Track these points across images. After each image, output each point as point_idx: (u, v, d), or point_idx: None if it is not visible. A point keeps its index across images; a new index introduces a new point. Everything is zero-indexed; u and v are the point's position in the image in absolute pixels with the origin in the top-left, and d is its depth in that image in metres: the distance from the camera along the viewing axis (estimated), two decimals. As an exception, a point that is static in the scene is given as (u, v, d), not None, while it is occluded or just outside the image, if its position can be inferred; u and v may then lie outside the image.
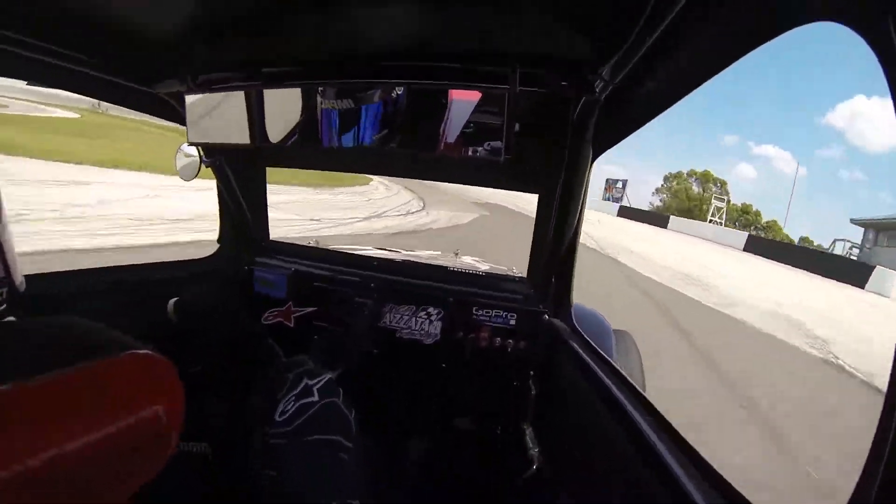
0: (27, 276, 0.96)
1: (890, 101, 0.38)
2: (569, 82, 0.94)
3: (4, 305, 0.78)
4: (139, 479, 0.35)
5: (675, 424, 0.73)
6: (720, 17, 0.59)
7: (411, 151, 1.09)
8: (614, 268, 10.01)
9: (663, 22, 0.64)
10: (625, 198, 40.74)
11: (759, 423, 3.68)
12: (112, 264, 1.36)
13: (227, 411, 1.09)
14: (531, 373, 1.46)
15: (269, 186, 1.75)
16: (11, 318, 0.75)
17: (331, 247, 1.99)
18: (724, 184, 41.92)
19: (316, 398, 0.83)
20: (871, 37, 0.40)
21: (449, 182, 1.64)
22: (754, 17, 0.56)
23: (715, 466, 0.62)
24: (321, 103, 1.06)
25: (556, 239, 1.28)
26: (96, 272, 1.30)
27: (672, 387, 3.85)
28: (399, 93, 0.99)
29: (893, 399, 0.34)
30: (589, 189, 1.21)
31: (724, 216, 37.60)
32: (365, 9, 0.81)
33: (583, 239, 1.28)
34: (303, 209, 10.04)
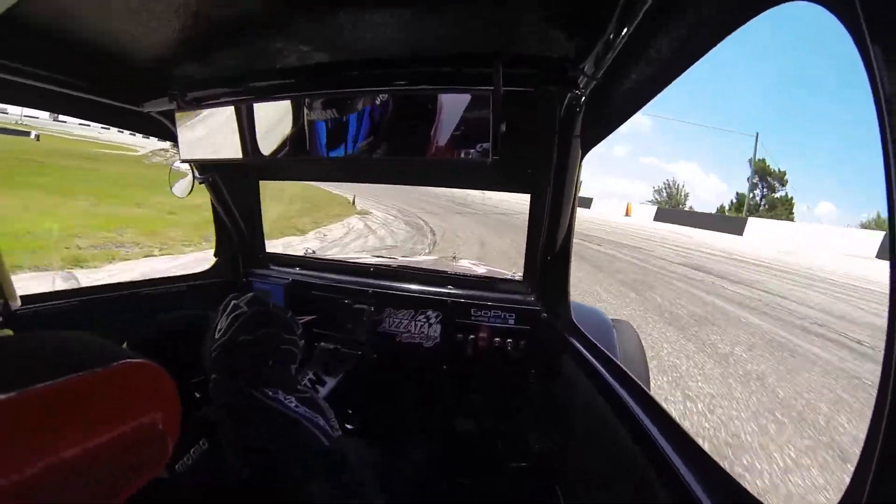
0: (23, 297, 0.97)
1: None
2: (552, 79, 0.94)
3: (1, 320, 0.79)
4: (135, 484, 0.35)
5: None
6: (695, 3, 0.60)
7: (401, 158, 1.10)
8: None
9: (640, 11, 0.64)
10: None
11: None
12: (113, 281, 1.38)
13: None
14: (532, 371, 1.45)
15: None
16: (8, 333, 0.76)
17: (327, 256, 2.00)
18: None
19: (245, 309, 0.91)
20: (843, 16, 0.40)
21: (440, 187, 1.64)
22: (729, 1, 0.56)
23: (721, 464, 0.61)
24: (310, 115, 1.06)
25: (550, 237, 1.28)
26: (94, 290, 1.30)
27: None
28: (387, 100, 1.00)
29: (883, 400, 0.34)
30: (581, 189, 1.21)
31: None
32: (348, 17, 0.81)
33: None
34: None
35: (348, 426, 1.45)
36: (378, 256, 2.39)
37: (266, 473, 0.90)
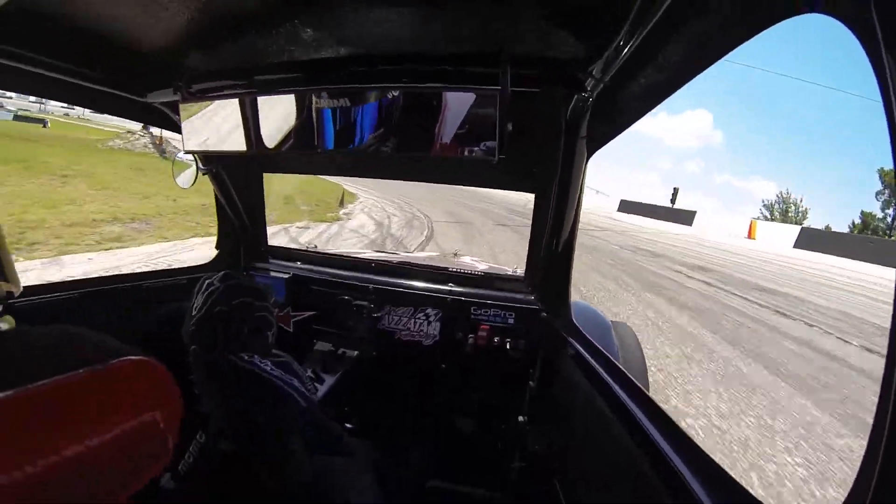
0: (26, 287, 0.97)
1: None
2: (560, 81, 0.94)
3: (3, 315, 0.78)
4: (136, 483, 0.35)
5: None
6: (709, 12, 0.60)
7: (406, 154, 1.10)
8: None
9: (652, 18, 0.64)
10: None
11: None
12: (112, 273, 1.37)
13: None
14: (530, 370, 1.46)
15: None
16: (10, 328, 0.75)
17: (329, 251, 1.99)
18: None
19: (218, 285, 0.95)
20: (857, 27, 0.40)
21: (444, 183, 1.64)
22: (742, 11, 0.56)
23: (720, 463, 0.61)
24: (315, 108, 1.06)
25: (553, 237, 1.28)
26: (95, 281, 1.29)
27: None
28: (393, 96, 1.00)
29: (887, 401, 0.34)
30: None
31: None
32: (356, 13, 0.81)
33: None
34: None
35: (347, 425, 1.46)
36: (379, 252, 2.38)
37: (249, 434, 0.93)
